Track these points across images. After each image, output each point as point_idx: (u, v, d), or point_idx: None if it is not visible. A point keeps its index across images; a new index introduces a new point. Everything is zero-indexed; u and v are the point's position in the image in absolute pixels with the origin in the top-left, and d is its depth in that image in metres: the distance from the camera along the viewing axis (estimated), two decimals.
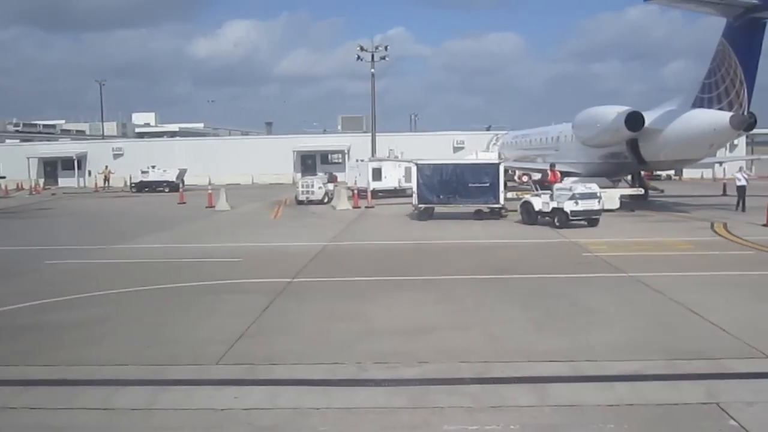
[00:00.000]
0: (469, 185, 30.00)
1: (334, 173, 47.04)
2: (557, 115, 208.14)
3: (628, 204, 33.34)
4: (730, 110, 28.24)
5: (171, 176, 57.14)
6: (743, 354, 10.31)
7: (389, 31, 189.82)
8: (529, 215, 27.74)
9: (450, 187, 30.24)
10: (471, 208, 30.59)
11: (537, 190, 28.94)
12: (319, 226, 29.44)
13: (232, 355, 10.69)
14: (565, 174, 39.61)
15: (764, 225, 25.72)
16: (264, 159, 70.99)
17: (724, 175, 64.32)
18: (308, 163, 73.35)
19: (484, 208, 30.18)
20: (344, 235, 25.96)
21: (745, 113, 28.03)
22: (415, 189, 30.97)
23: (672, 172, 61.34)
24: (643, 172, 40.39)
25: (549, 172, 32.35)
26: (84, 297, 15.31)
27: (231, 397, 8.92)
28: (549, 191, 27.55)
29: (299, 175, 71.92)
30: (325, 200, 40.72)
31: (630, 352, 10.56)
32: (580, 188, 26.12)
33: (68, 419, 8.37)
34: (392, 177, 45.20)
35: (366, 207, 37.51)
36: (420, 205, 30.76)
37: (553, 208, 26.35)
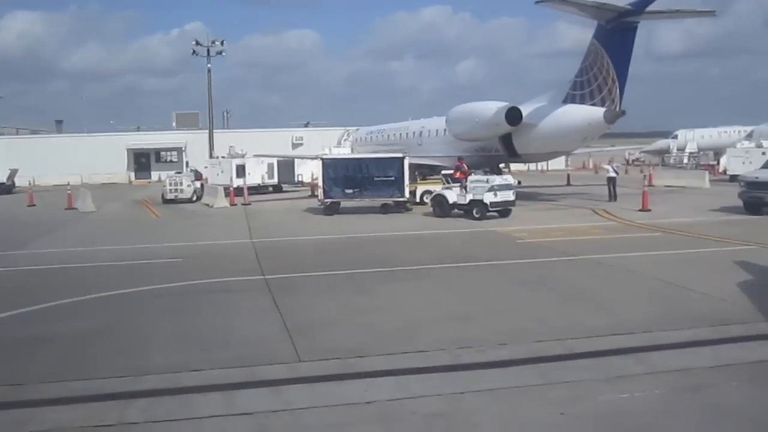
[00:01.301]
0: (375, 179, 30.39)
1: (199, 171, 45.20)
2: (356, 111, 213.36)
3: None
4: (602, 106, 30.91)
5: (0, 177, 52.03)
6: (758, 318, 11.62)
7: (186, 26, 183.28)
8: (442, 208, 28.30)
9: (356, 182, 30.53)
10: (377, 202, 31.03)
11: (448, 183, 29.66)
12: (217, 225, 28.54)
13: (306, 351, 10.40)
14: (430, 168, 41.33)
15: (640, 210, 28.47)
16: (94, 158, 66.87)
17: (547, 167, 70.23)
18: (142, 161, 70.03)
19: (390, 201, 30.62)
20: (259, 232, 25.29)
21: (617, 109, 30.79)
22: (321, 184, 30.99)
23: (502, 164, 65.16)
24: None
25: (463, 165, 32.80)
26: (57, 305, 13.95)
27: (362, 390, 8.79)
28: (458, 184, 28.57)
29: (133, 174, 68.69)
30: (194, 198, 39.33)
31: (670, 322, 11.55)
32: (498, 180, 27.30)
33: (212, 427, 7.85)
34: (256, 174, 44.65)
35: (243, 204, 36.70)
36: (326, 200, 30.68)
37: (471, 200, 27.08)
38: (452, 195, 28.03)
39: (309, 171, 51.72)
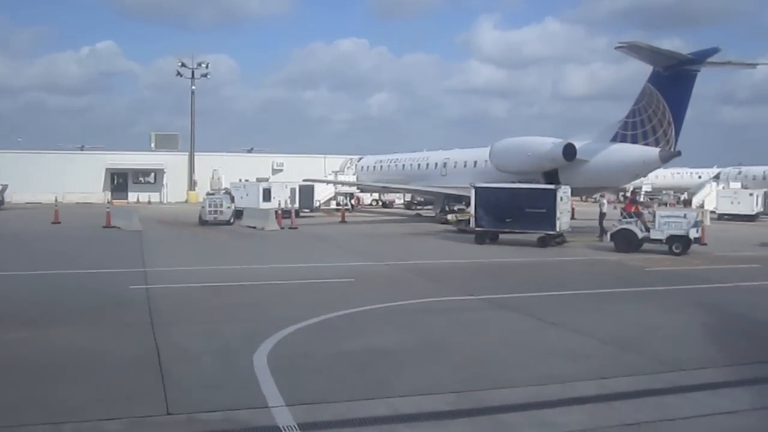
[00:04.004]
0: (526, 210, 29.35)
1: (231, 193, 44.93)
2: (269, 138, 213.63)
3: None
4: (656, 146, 33.02)
5: None
6: None
7: (98, 44, 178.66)
8: (630, 243, 27.14)
9: (507, 212, 29.87)
10: (527, 234, 30.10)
11: (628, 217, 28.29)
12: (306, 247, 28.94)
13: (669, 361, 11.26)
14: (456, 198, 42.67)
15: (702, 244, 29.98)
16: (69, 176, 64.70)
17: None
18: (119, 182, 68.32)
19: (546, 235, 29.34)
20: (375, 255, 25.69)
21: (673, 149, 32.97)
22: (472, 212, 30.97)
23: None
24: None
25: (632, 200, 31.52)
26: (324, 320, 14.24)
27: None
28: (633, 218, 27.97)
29: (110, 194, 66.98)
30: (231, 220, 39.13)
31: None
32: (697, 216, 27.28)
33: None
34: (280, 198, 44.79)
35: (290, 228, 36.87)
36: (477, 228, 30.54)
37: (672, 236, 26.53)
38: (638, 230, 27.37)
39: (324, 196, 52.32)
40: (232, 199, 40.79)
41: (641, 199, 37.42)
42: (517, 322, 14.43)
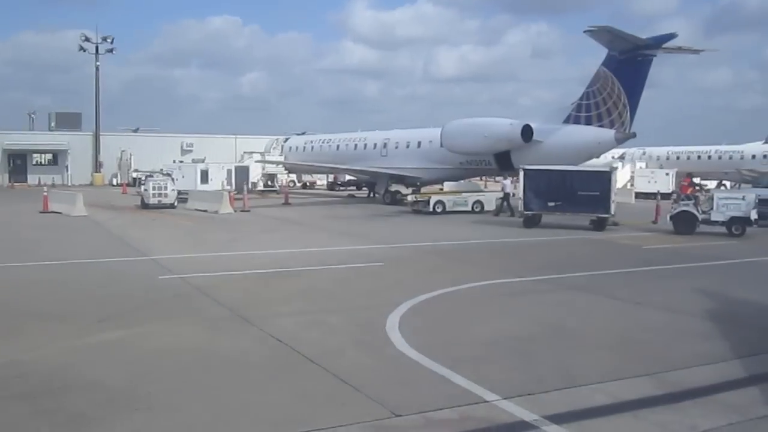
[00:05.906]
0: (579, 193, 28.62)
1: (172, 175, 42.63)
2: (135, 115, 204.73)
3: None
4: (611, 128, 34.29)
5: None
6: None
7: None
8: (690, 225, 27.07)
9: (558, 195, 29.11)
10: (578, 218, 29.62)
11: (686, 199, 28.28)
12: (287, 230, 28.13)
13: None
14: (399, 179, 42.84)
15: (653, 222, 31.53)
16: None
17: None
18: (17, 163, 63.62)
19: (600, 218, 28.78)
20: (373, 237, 25.51)
21: (627, 131, 34.33)
22: (521, 195, 29.95)
23: None
24: None
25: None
26: (411, 308, 13.85)
27: None
28: (691, 200, 28.01)
29: (7, 176, 62.47)
30: (176, 204, 37.40)
31: None
32: (755, 197, 27.01)
33: None
34: (217, 179, 43.36)
35: (242, 210, 35.73)
36: (527, 212, 29.68)
37: (733, 217, 26.47)
38: (696, 212, 27.29)
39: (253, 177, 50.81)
40: (174, 182, 38.88)
41: None
42: (603, 303, 14.69)
